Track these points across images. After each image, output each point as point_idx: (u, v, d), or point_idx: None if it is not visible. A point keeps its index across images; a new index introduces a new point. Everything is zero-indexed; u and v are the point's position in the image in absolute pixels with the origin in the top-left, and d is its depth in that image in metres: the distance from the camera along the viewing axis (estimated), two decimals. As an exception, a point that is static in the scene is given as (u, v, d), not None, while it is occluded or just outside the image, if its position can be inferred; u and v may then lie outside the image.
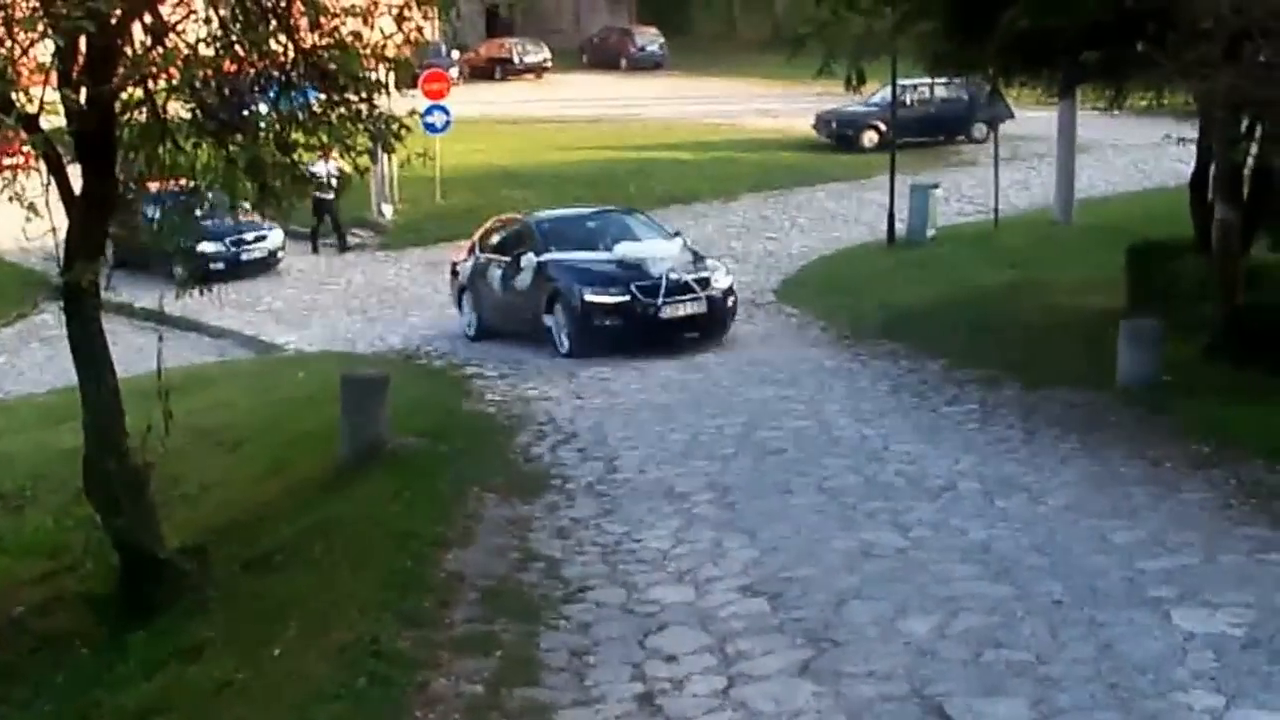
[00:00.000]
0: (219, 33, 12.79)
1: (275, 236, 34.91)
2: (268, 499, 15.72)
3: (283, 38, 13.34)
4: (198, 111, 13.36)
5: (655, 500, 13.61)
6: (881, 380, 19.49)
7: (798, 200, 40.55)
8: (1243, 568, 10.72)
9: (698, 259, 25.03)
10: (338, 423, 15.80)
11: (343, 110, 13.72)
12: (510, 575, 11.41)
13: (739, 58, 73.85)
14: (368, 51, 13.56)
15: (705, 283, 23.87)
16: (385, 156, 19.77)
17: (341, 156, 14.51)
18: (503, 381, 20.80)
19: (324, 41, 13.46)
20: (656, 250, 24.41)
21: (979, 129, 47.52)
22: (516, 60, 76.25)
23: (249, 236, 34.67)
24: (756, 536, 12.16)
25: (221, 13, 12.75)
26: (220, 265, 33.47)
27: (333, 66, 13.39)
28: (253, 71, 13.60)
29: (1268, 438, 14.17)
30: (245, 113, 13.81)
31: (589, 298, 23.31)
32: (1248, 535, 11.52)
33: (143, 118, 13.42)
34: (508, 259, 25.19)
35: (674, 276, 23.49)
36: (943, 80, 40.69)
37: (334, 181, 37.30)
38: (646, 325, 23.27)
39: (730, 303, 24.56)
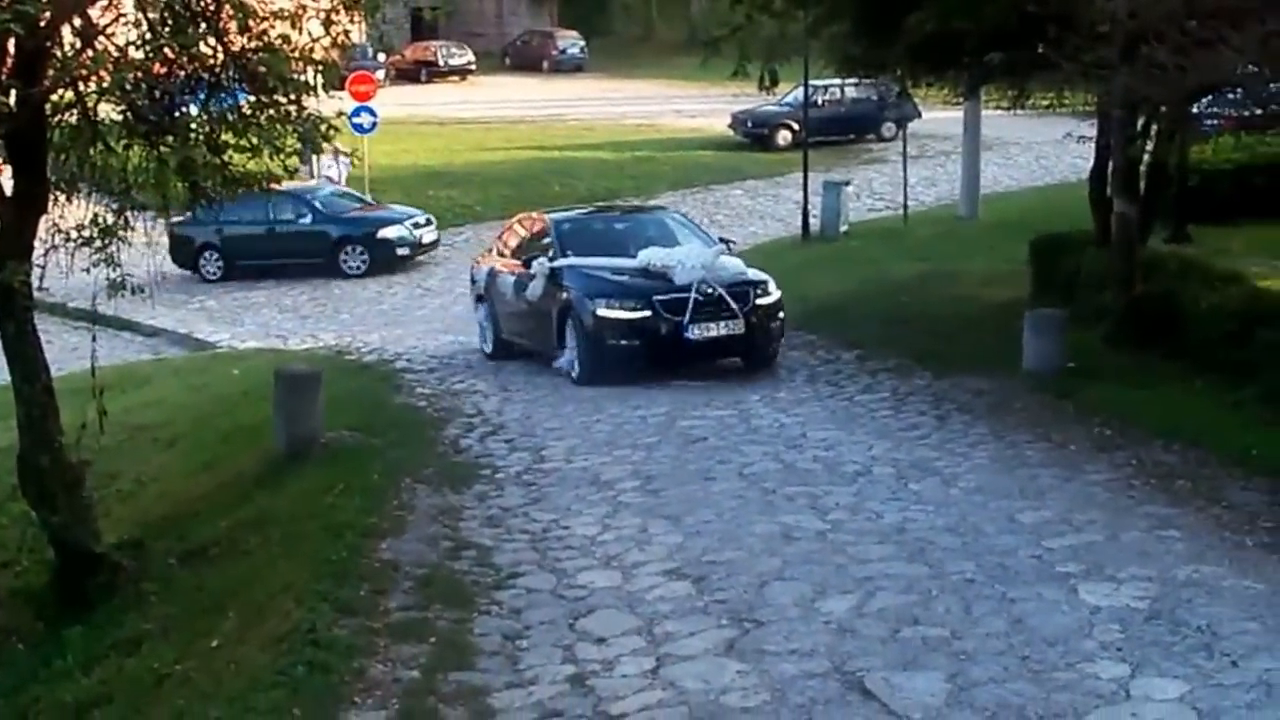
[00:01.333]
0: (148, 36, 12.68)
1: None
2: (203, 493, 15.60)
3: (212, 41, 13.26)
4: (128, 113, 13.27)
5: (582, 488, 13.60)
6: (798, 370, 19.57)
7: (715, 197, 40.71)
8: (1144, 544, 10.82)
9: (740, 270, 20.23)
10: (271, 418, 15.71)
11: (272, 112, 13.66)
12: (442, 563, 11.36)
13: (657, 60, 73.88)
14: (296, 54, 13.51)
15: (744, 298, 19.32)
16: (315, 157, 19.79)
17: (271, 158, 14.39)
18: (431, 376, 20.70)
19: (253, 44, 13.39)
20: (687, 257, 19.71)
21: (888, 128, 47.86)
22: (441, 63, 76.01)
23: (421, 220, 35.51)
24: (680, 522, 12.16)
25: (151, 16, 12.66)
26: (405, 250, 34.79)
27: (262, 69, 13.31)
28: (182, 74, 13.51)
29: (1165, 420, 14.32)
30: (176, 114, 13.72)
31: (601, 312, 19.17)
32: (1148, 513, 11.63)
33: (73, 120, 13.32)
34: (521, 264, 21.10)
35: (705, 290, 19.03)
36: (853, 81, 40.73)
37: (344, 172, 37.52)
38: (669, 348, 19.13)
39: (776, 324, 20.01)
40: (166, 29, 12.76)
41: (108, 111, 13.46)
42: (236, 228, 33.84)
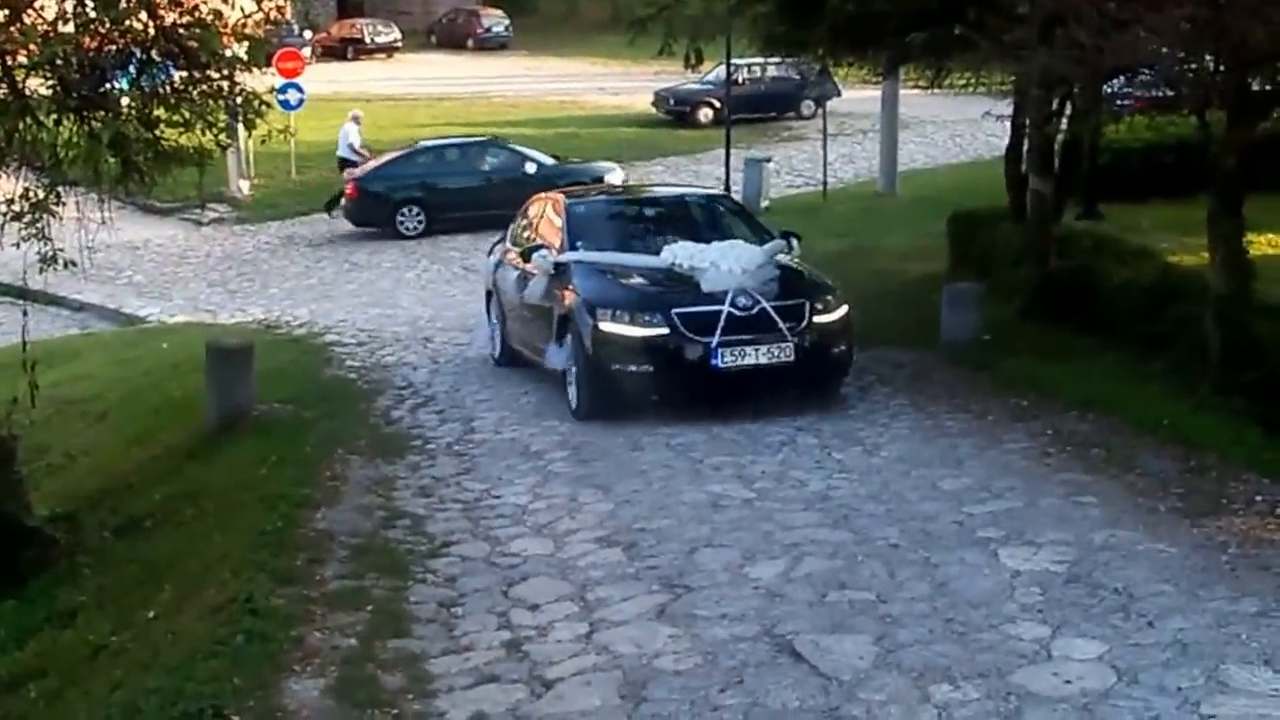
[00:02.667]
0: (78, 9, 12.58)
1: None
2: (136, 466, 15.54)
3: (143, 15, 13.12)
4: (58, 88, 13.14)
5: (512, 458, 13.62)
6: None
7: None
8: (1061, 510, 10.95)
9: (795, 275, 15.91)
10: (203, 391, 15.64)
11: (205, 87, 13.57)
12: (377, 533, 11.36)
13: (581, 38, 73.83)
14: (228, 30, 13.44)
15: (797, 314, 14.98)
16: (243, 132, 19.47)
17: (202, 133, 14.30)
18: (361, 349, 20.62)
19: (184, 19, 13.29)
20: (724, 257, 15.36)
21: (808, 106, 47.97)
22: (368, 40, 75.72)
23: (615, 168, 35.57)
24: (610, 491, 12.21)
25: (81, -11, 12.55)
26: None
27: (194, 44, 13.22)
28: (113, 48, 13.39)
29: (1080, 391, 14.46)
30: (107, 89, 13.60)
31: (604, 326, 14.84)
32: (1064, 480, 11.75)
33: (2, 93, 13.18)
34: (520, 256, 17.46)
35: (743, 301, 14.80)
36: (775, 60, 40.81)
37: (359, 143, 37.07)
38: (692, 379, 14.75)
39: (840, 350, 15.38)
40: (96, 3, 12.65)
41: (37, 86, 13.34)
42: (445, 180, 34.06)
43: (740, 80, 44.91)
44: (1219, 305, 14.36)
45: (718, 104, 45.56)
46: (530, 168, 34.37)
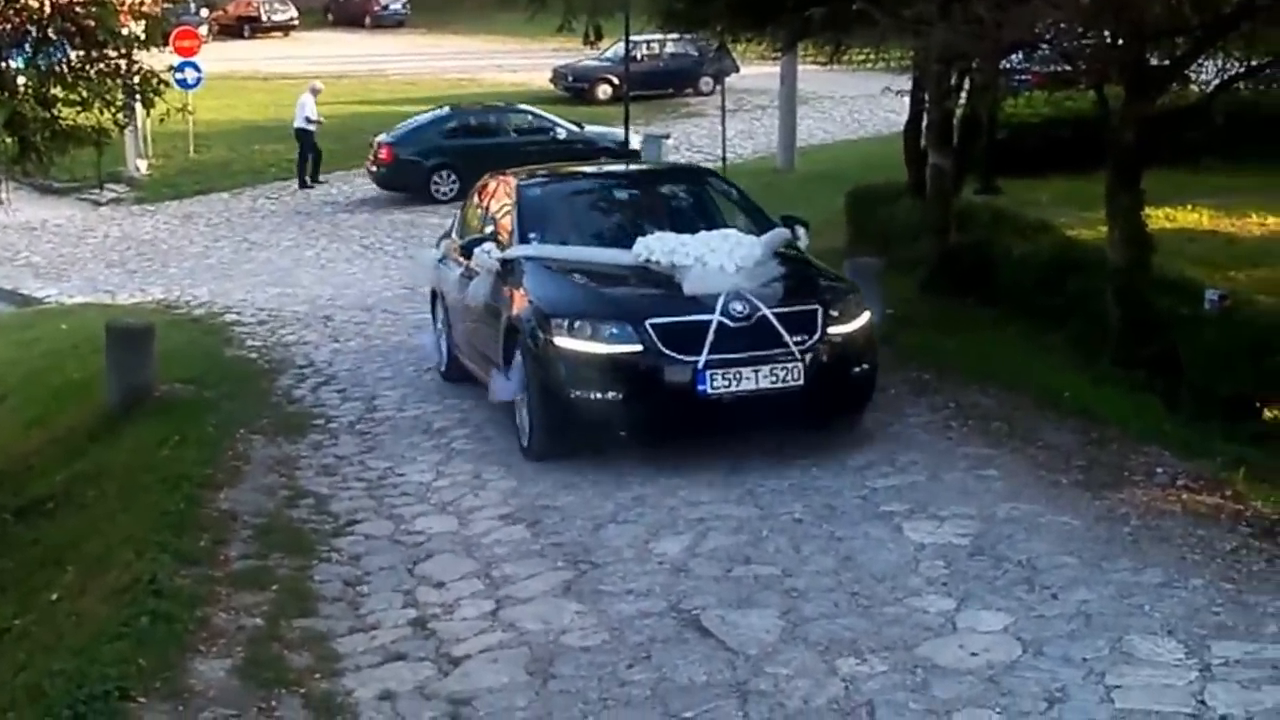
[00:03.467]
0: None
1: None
2: (36, 448, 15.34)
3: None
4: (-49, 66, 12.97)
5: (415, 436, 13.56)
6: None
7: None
8: (964, 483, 11.01)
9: (804, 273, 13.13)
10: (103, 372, 15.45)
11: (102, 66, 13.41)
12: (281, 512, 11.28)
13: (479, 15, 73.36)
14: (125, 8, 13.28)
15: (807, 324, 12.05)
16: (141, 111, 19.17)
17: (99, 112, 14.14)
18: (262, 328, 20.41)
19: (80, -2, 13.15)
20: (712, 251, 12.56)
21: (706, 82, 48.08)
22: (264, 18, 75.17)
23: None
24: (513, 468, 12.16)
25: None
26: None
27: (90, 22, 13.07)
28: (8, 27, 13.22)
29: (981, 364, 14.52)
30: (2, 68, 13.42)
31: (560, 341, 11.97)
32: (967, 454, 11.81)
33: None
34: (459, 251, 14.50)
35: (737, 308, 11.90)
36: (674, 36, 40.80)
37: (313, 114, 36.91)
38: (674, 409, 11.86)
39: (861, 370, 12.47)
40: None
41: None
42: (476, 145, 33.94)
43: (639, 57, 44.96)
44: (1118, 279, 14.49)
45: (616, 81, 45.48)
46: (561, 133, 35.22)
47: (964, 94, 20.18)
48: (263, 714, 7.76)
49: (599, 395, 11.80)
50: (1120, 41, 14.67)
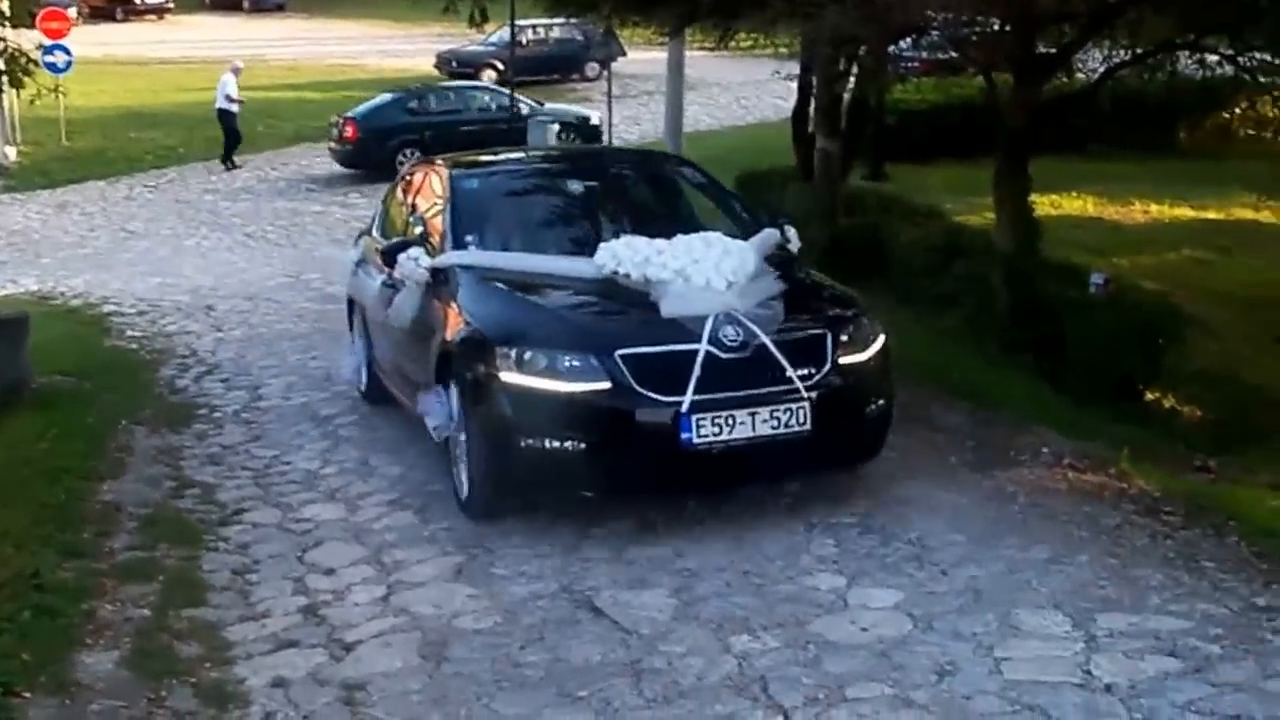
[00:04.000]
0: None
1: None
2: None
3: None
4: None
5: (301, 424, 13.59)
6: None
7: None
8: (855, 464, 11.18)
9: (806, 287, 11.27)
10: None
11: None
12: (166, 502, 11.28)
13: (360, 0, 73.19)
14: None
15: (816, 352, 10.10)
16: (10, 96, 18.68)
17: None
18: (142, 319, 20.31)
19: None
20: (694, 261, 10.54)
21: (592, 67, 48.34)
22: (138, 1, 74.24)
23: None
24: (402, 455, 12.22)
25: None
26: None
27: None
28: None
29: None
30: None
31: (507, 376, 9.87)
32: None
33: None
34: (381, 257, 12.34)
35: (730, 335, 9.87)
36: (559, 20, 40.91)
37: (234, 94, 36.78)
38: (652, 460, 9.75)
39: (875, 407, 10.49)
40: None
41: None
42: (444, 120, 34.85)
43: (524, 41, 45.13)
44: (1005, 264, 14.79)
45: (501, 65, 45.59)
46: (524, 109, 35.67)
47: (852, 79, 20.43)
48: (153, 705, 7.77)
49: (556, 444, 9.66)
50: (1008, 28, 14.97)
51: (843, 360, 10.15)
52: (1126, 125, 26.29)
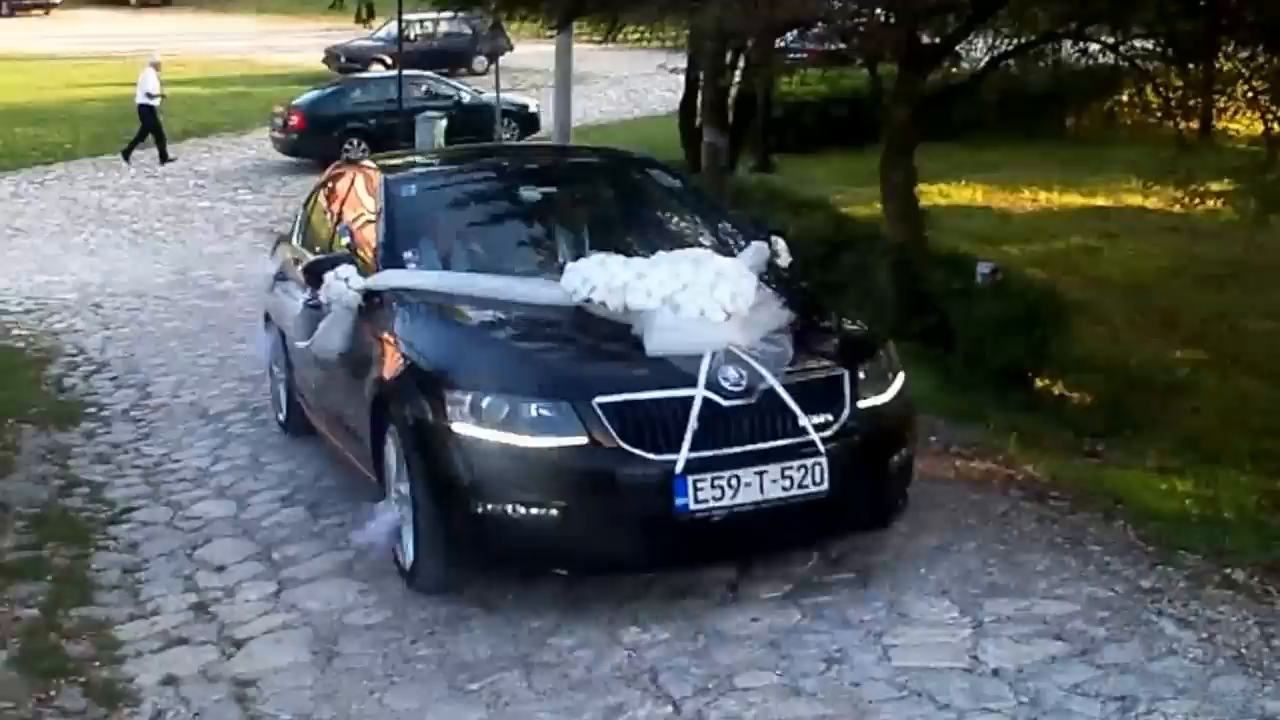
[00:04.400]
0: None
1: None
2: None
3: None
4: None
5: (191, 421, 13.49)
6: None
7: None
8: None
9: (815, 316, 9.67)
10: None
11: None
12: (54, 501, 11.16)
13: (248, -6, 72.77)
14: None
15: (833, 396, 8.46)
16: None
17: None
18: (29, 317, 20.04)
19: None
20: (688, 286, 8.81)
21: (480, 61, 48.27)
22: (22, -4, 73.50)
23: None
24: (291, 450, 12.18)
25: None
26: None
27: None
28: None
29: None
30: None
31: (460, 427, 8.20)
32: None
33: None
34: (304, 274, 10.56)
35: (731, 377, 8.18)
36: (447, 15, 40.85)
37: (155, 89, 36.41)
38: (640, 531, 8.16)
39: (899, 458, 8.95)
40: None
41: None
42: (388, 110, 34.99)
43: (412, 36, 45.03)
44: (893, 254, 14.93)
45: (389, 60, 45.45)
46: (466, 97, 36.29)
47: (739, 72, 20.56)
48: (42, 705, 7.71)
49: (522, 511, 8.05)
50: (893, 19, 15.10)
51: (863, 404, 8.51)
52: (1014, 114, 26.62)
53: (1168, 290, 19.38)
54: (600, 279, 8.94)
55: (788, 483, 8.10)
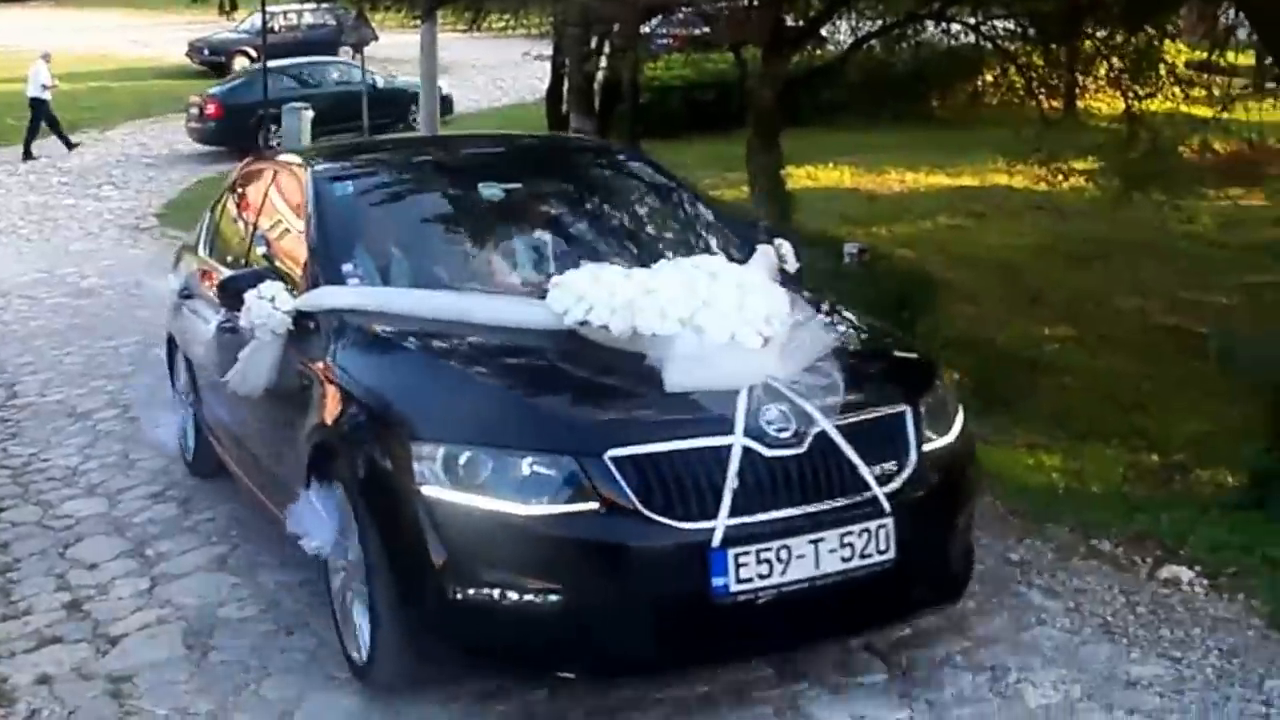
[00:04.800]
0: None
1: None
2: None
3: None
4: None
5: (59, 421, 13.37)
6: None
7: (175, 126, 39.96)
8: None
9: (865, 338, 8.00)
10: None
11: None
12: (-82, 504, 11.09)
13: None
14: None
15: (893, 441, 6.77)
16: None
17: None
18: (-113, 319, 19.81)
19: None
20: (708, 303, 6.98)
21: (345, 51, 47.90)
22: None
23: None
24: (162, 448, 12.13)
25: None
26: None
27: None
28: None
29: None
30: None
31: (431, 491, 6.32)
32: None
33: None
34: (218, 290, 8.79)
35: (774, 420, 6.41)
36: (311, 6, 40.70)
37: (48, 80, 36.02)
38: (668, 620, 6.30)
39: (966, 516, 7.28)
40: None
41: None
42: (305, 95, 35.56)
43: (276, 28, 44.68)
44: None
45: (254, 53, 45.12)
46: (379, 80, 36.88)
47: (605, 58, 20.66)
48: (-90, 708, 7.70)
49: (513, 597, 6.27)
50: (756, 3, 15.25)
51: (928, 447, 6.92)
52: (881, 97, 26.88)
53: (1035, 269, 19.67)
54: (598, 296, 7.12)
55: (847, 551, 6.43)
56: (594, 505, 6.18)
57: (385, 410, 6.88)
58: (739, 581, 6.21)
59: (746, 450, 6.28)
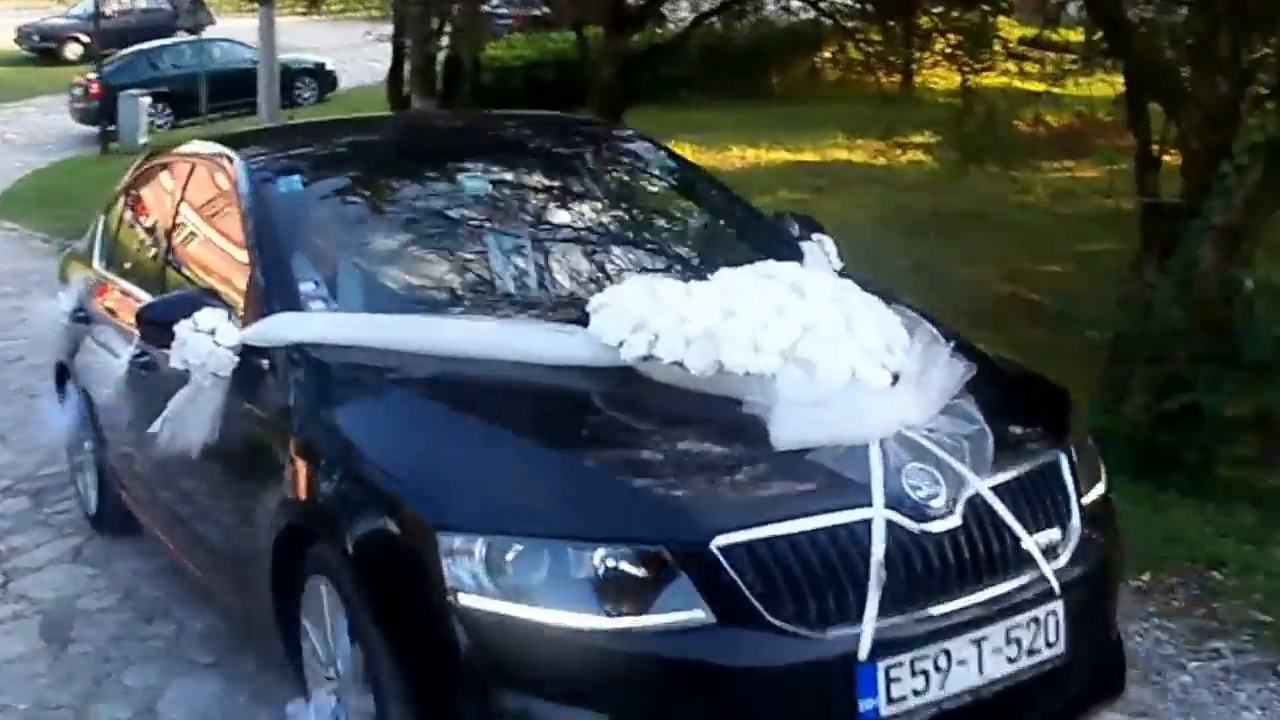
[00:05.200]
0: None
1: None
2: None
3: None
4: None
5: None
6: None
7: (7, 115, 39.43)
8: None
9: (988, 368, 5.51)
10: None
11: None
12: None
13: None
14: None
15: (1053, 502, 5.09)
16: None
17: None
18: None
19: None
20: (811, 328, 5.13)
21: (181, 36, 47.46)
22: None
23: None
24: (8, 440, 12.04)
25: None
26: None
27: None
28: None
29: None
30: None
31: (470, 601, 4.48)
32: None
33: None
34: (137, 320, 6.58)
35: (921, 483, 4.72)
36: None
37: None
38: None
39: (1113, 595, 5.48)
40: None
41: None
42: (190, 73, 35.88)
43: (110, 13, 44.12)
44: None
45: (87, 38, 44.57)
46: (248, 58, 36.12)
47: (446, 38, 20.68)
48: None
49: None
50: (596, -18, 15.37)
51: (1085, 501, 5.34)
52: (722, 74, 27.15)
53: (874, 239, 19.94)
54: (663, 323, 5.26)
55: (1014, 649, 4.85)
56: (700, 614, 4.45)
57: (392, 484, 4.99)
58: (890, 702, 4.60)
59: (890, 525, 4.65)
